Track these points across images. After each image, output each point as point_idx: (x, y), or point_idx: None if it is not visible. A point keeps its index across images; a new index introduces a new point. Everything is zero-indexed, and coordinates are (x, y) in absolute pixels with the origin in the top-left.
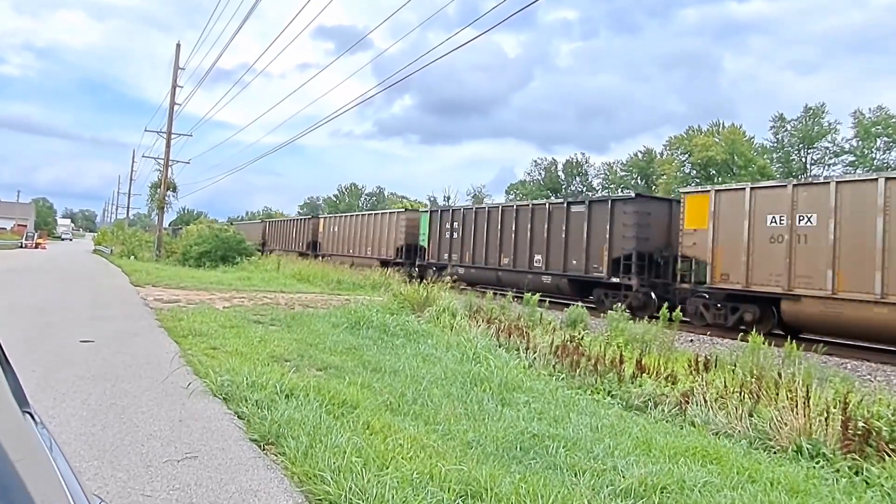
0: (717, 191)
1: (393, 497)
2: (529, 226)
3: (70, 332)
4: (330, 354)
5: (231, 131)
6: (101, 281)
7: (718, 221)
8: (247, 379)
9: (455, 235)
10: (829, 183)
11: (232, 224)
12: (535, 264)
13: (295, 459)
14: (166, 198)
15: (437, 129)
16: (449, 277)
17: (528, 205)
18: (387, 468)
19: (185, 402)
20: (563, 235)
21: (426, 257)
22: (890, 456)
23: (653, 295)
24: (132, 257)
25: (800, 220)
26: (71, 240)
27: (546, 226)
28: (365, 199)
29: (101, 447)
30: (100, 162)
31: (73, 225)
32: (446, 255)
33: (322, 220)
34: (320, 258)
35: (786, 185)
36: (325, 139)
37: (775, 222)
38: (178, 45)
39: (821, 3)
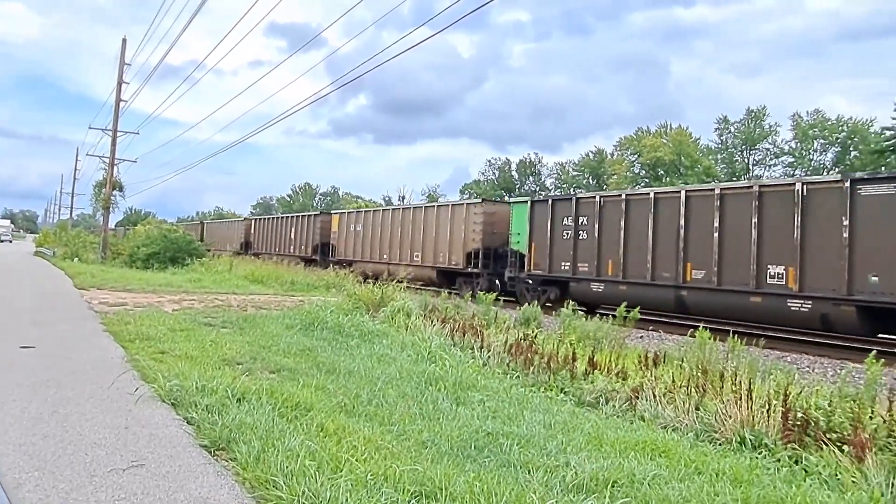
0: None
1: (347, 500)
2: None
3: (9, 338)
4: (283, 356)
5: (181, 129)
6: (42, 284)
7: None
8: (197, 383)
9: (582, 235)
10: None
11: (177, 224)
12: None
13: (246, 465)
14: (112, 198)
15: (392, 129)
16: (571, 303)
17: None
18: (341, 471)
19: (132, 408)
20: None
21: (526, 266)
22: (827, 445)
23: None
24: (76, 259)
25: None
26: (10, 241)
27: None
28: (319, 198)
29: (42, 457)
30: (41, 160)
31: (12, 226)
32: (566, 263)
33: (340, 216)
34: (341, 266)
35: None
36: (278, 138)
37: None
38: (124, 41)
39: (761, 8)
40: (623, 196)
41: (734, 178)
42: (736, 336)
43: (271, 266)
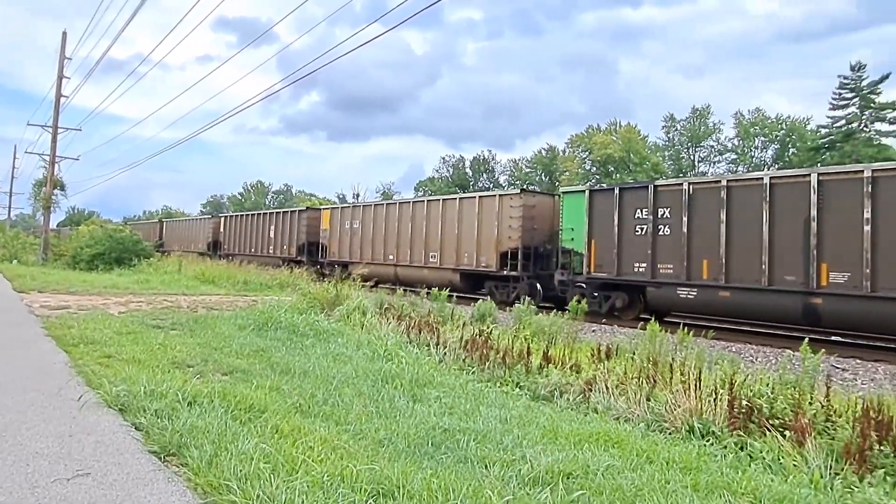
0: (592, 190)
1: (303, 502)
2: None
3: None
4: (236, 358)
5: (126, 125)
6: None
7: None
8: (145, 388)
9: (664, 230)
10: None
11: (127, 224)
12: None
13: (198, 470)
14: (53, 197)
15: (346, 126)
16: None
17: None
18: (296, 472)
19: (76, 415)
20: None
21: (584, 268)
22: (770, 431)
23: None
24: (14, 261)
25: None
26: None
27: None
28: (272, 196)
29: None
30: None
31: None
32: (641, 264)
33: (331, 212)
34: (334, 269)
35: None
36: (228, 135)
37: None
38: (65, 34)
39: (705, 11)
40: (723, 182)
41: (681, 175)
42: (685, 328)
43: (221, 266)
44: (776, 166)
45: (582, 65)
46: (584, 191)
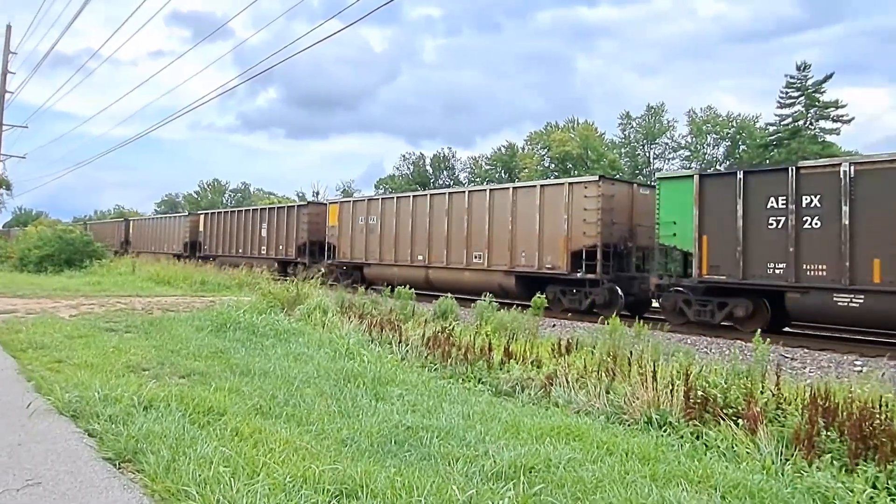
0: (702, 175)
1: None
2: None
3: None
4: (194, 360)
5: (75, 123)
6: None
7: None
8: (99, 393)
9: (812, 223)
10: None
11: (85, 224)
12: None
13: (155, 476)
14: None
15: (304, 124)
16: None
17: None
18: (258, 475)
19: (26, 423)
20: None
21: (693, 270)
22: (724, 420)
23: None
24: None
25: None
26: None
27: None
28: (229, 195)
29: None
30: None
31: None
32: (778, 265)
33: (340, 206)
34: (343, 271)
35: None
36: (183, 132)
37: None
38: (9, 27)
39: (658, 11)
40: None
41: (636, 172)
42: (642, 321)
43: (178, 266)
44: (727, 163)
45: (540, 62)
46: (690, 176)
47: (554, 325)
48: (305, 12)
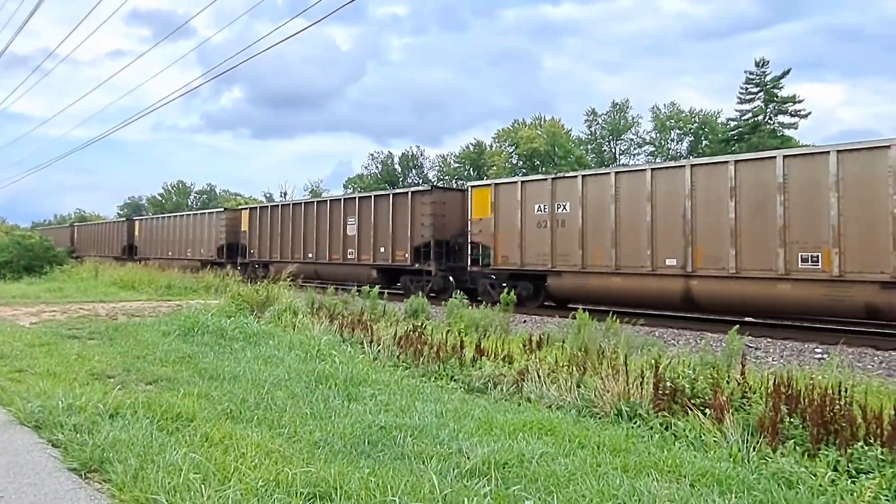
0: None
1: None
2: None
3: None
4: (161, 366)
5: (33, 124)
6: None
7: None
8: (62, 402)
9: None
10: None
11: (35, 229)
12: None
13: (123, 485)
14: None
15: (270, 123)
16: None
17: None
18: (229, 481)
19: None
20: None
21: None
22: (692, 410)
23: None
24: None
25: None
26: None
27: None
28: (194, 196)
29: None
30: None
31: None
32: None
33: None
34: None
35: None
36: (146, 133)
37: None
38: None
39: (622, 8)
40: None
41: (605, 165)
42: (613, 315)
43: (142, 270)
44: (691, 157)
45: (507, 60)
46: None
47: (525, 321)
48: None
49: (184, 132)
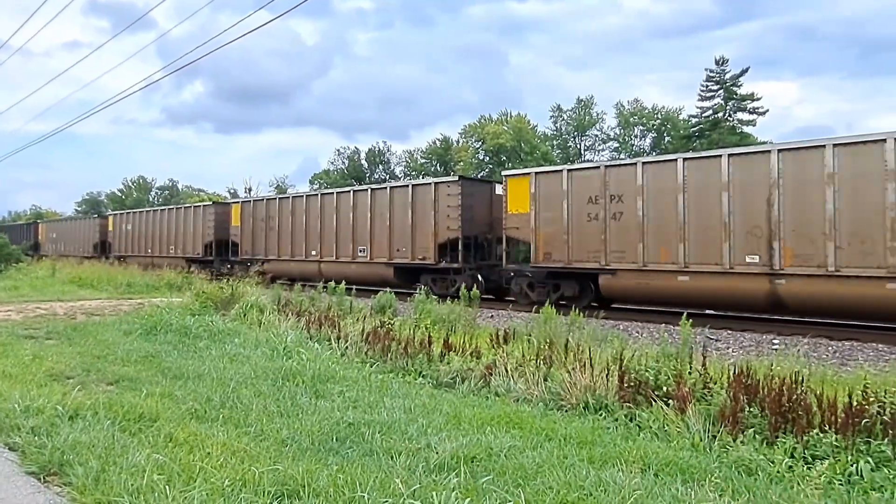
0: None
1: None
2: None
3: None
4: (122, 365)
5: None
6: None
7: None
8: (19, 404)
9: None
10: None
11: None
12: None
13: (84, 488)
14: None
15: (234, 118)
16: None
17: None
18: (194, 481)
19: None
20: None
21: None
22: (656, 401)
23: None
24: None
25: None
26: None
27: None
28: (156, 192)
29: None
30: None
31: None
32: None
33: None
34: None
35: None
36: (104, 127)
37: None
38: None
39: (586, 6)
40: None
41: (570, 162)
42: (577, 310)
43: (101, 267)
44: (654, 153)
45: (473, 56)
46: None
47: (492, 316)
48: (232, 3)
49: (144, 126)
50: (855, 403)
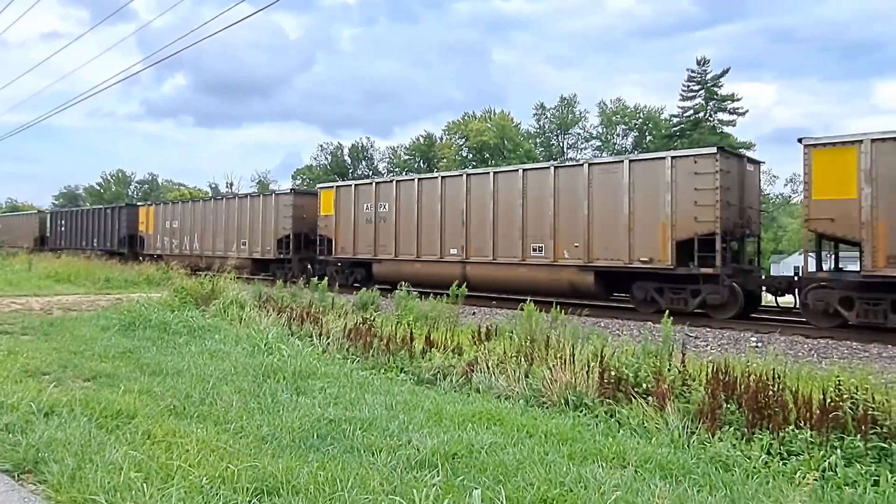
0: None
1: None
2: None
3: None
4: (100, 361)
5: None
6: None
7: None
8: None
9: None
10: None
11: None
12: None
13: (59, 486)
14: None
15: (216, 112)
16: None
17: None
18: (172, 479)
19: None
20: None
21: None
22: (636, 398)
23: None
24: None
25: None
26: None
27: None
28: (135, 186)
29: None
30: None
31: None
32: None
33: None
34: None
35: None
36: (82, 120)
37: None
38: None
39: (570, 5)
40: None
41: (553, 159)
42: (559, 307)
43: (81, 262)
44: (636, 152)
45: (458, 53)
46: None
47: (474, 313)
48: None
49: (123, 119)
50: (829, 400)
